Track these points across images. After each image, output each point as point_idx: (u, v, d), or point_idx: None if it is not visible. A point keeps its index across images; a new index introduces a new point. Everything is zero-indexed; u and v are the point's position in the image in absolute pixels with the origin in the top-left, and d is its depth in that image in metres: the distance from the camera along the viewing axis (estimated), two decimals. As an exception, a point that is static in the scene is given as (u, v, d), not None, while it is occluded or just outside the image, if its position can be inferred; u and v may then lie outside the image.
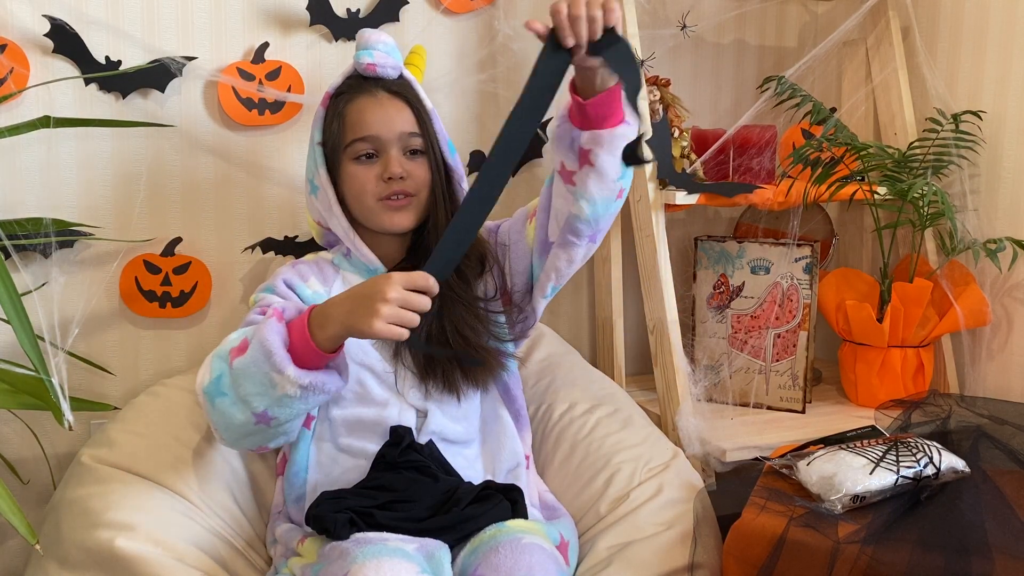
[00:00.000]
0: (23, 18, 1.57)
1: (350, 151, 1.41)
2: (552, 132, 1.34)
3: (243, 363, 1.22)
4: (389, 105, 1.41)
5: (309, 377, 1.20)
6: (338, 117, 1.42)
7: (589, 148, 1.27)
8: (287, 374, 1.18)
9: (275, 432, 1.27)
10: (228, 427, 1.26)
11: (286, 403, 1.21)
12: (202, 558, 1.30)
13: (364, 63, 1.42)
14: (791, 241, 1.74)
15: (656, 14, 1.82)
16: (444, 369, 1.40)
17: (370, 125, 1.40)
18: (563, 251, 1.38)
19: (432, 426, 1.39)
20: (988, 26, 1.80)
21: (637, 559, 1.32)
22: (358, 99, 1.42)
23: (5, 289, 1.17)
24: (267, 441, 1.30)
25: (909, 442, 1.34)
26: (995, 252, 1.66)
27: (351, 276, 1.46)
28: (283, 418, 1.24)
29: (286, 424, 1.26)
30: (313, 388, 1.20)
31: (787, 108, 1.76)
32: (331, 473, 1.37)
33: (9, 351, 1.54)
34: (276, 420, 1.24)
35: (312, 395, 1.21)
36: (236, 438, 1.29)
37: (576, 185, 1.31)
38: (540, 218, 1.42)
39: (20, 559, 1.65)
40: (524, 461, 1.46)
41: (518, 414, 1.49)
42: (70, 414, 1.19)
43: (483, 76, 1.81)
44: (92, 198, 1.64)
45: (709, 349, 1.82)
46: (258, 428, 1.25)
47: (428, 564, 1.18)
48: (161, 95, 1.65)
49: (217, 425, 1.28)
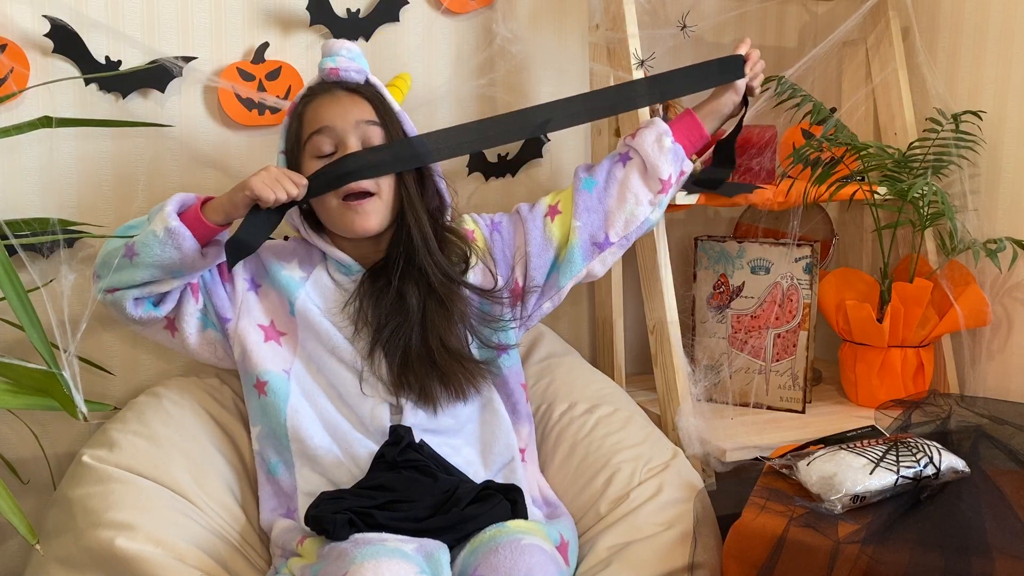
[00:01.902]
0: (23, 18, 1.57)
1: (309, 148, 1.42)
2: (671, 148, 1.53)
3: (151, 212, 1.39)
4: (346, 99, 1.43)
5: (175, 222, 1.32)
6: (296, 118, 1.44)
7: (686, 171, 1.57)
8: (165, 211, 1.34)
9: (133, 271, 1.35)
10: (104, 260, 1.39)
11: (149, 240, 1.33)
12: (202, 558, 1.30)
13: (327, 68, 1.44)
14: (791, 241, 1.74)
15: (656, 14, 1.82)
16: (418, 380, 1.41)
17: (324, 118, 1.41)
18: (620, 250, 1.57)
19: (409, 419, 1.40)
20: (988, 26, 1.80)
21: (637, 559, 1.32)
22: (316, 99, 1.44)
23: (13, 287, 1.17)
24: (127, 281, 1.37)
25: (909, 442, 1.34)
26: (995, 252, 1.66)
27: (330, 267, 1.48)
28: (142, 256, 1.34)
29: (141, 269, 1.35)
30: (173, 236, 1.32)
31: (787, 108, 1.76)
32: (311, 444, 1.39)
33: (10, 351, 1.54)
34: (138, 257, 1.34)
35: (170, 245, 1.32)
36: (103, 266, 1.39)
37: (666, 195, 1.55)
38: (589, 219, 1.52)
39: (20, 559, 1.65)
40: (519, 455, 1.46)
41: (515, 407, 1.49)
42: (84, 406, 1.19)
43: (482, 80, 1.81)
44: (92, 198, 1.64)
45: (709, 349, 1.82)
46: (123, 262, 1.36)
47: (427, 564, 1.18)
48: (161, 95, 1.65)
49: (98, 261, 1.41)
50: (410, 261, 1.42)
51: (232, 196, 1.36)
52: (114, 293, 1.39)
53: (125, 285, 1.38)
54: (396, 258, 1.43)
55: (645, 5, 1.73)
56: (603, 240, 1.53)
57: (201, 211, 1.36)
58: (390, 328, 1.41)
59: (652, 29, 1.78)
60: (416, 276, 1.42)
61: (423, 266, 1.42)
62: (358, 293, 1.44)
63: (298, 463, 1.40)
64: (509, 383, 1.50)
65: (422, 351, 1.41)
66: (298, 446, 1.39)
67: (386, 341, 1.41)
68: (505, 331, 1.50)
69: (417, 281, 1.42)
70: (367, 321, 1.42)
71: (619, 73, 1.70)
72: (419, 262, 1.42)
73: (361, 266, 1.46)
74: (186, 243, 1.33)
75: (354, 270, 1.46)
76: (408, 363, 1.40)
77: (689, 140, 1.57)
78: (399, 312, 1.41)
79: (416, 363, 1.40)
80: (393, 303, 1.41)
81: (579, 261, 1.53)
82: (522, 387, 1.52)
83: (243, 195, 1.35)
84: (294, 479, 1.39)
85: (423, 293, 1.42)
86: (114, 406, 1.60)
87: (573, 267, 1.53)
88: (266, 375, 1.42)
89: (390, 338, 1.41)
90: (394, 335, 1.41)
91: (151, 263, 1.34)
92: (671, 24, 1.83)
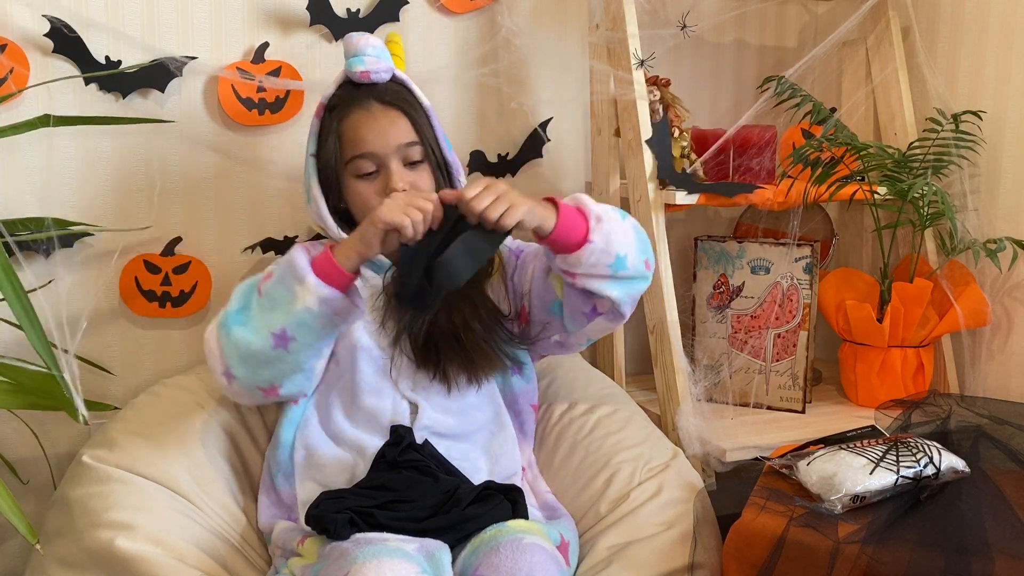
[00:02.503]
0: (23, 18, 1.57)
1: (351, 168, 1.42)
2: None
3: (269, 285, 1.30)
4: (383, 117, 1.41)
5: (327, 289, 1.25)
6: (334, 134, 1.42)
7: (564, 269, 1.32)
8: (308, 282, 1.25)
9: (291, 362, 1.28)
10: (244, 358, 1.28)
11: (305, 319, 1.25)
12: (202, 558, 1.30)
13: (357, 71, 1.43)
14: (791, 241, 1.74)
15: (656, 14, 1.82)
16: (440, 358, 1.40)
17: (366, 142, 1.40)
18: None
19: (424, 420, 1.39)
20: (988, 26, 1.80)
21: (637, 559, 1.32)
22: (352, 114, 1.42)
23: (12, 288, 1.16)
24: (282, 376, 1.30)
25: (909, 442, 1.34)
26: (995, 252, 1.66)
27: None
28: (301, 340, 1.27)
29: (303, 352, 1.28)
30: (330, 304, 1.25)
31: (787, 108, 1.76)
32: (323, 457, 1.38)
33: (10, 351, 1.54)
34: (294, 342, 1.27)
35: (330, 313, 1.26)
36: (250, 371, 1.29)
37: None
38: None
39: (20, 559, 1.65)
40: (520, 472, 1.47)
41: (522, 426, 1.50)
42: (84, 409, 1.19)
43: (485, 70, 1.81)
44: (92, 198, 1.64)
45: (709, 349, 1.82)
46: (276, 354, 1.27)
47: (428, 564, 1.18)
48: (161, 95, 1.65)
49: (230, 359, 1.29)
50: None
51: (363, 233, 1.28)
52: (276, 393, 1.34)
53: (283, 378, 1.32)
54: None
55: (645, 5, 1.73)
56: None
57: (332, 256, 1.27)
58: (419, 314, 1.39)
59: (652, 29, 1.78)
60: None
61: None
62: (387, 289, 1.44)
63: (299, 474, 1.39)
64: (519, 402, 1.50)
65: (447, 327, 1.39)
66: (303, 455, 1.39)
67: (411, 322, 1.40)
68: (514, 347, 1.48)
69: None
70: (394, 316, 1.42)
71: (619, 73, 1.70)
72: None
73: (392, 263, 1.46)
74: (345, 307, 1.27)
75: (384, 266, 1.46)
76: (434, 341, 1.39)
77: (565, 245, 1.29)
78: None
79: (441, 340, 1.39)
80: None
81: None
82: (532, 408, 1.52)
83: (374, 229, 1.26)
84: (294, 492, 1.39)
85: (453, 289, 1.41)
86: (114, 406, 1.60)
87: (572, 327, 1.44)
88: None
89: (416, 319, 1.39)
90: (422, 316, 1.39)
91: (314, 341, 1.29)
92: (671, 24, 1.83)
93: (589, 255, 1.27)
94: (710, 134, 1.79)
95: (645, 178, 1.68)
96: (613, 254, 1.28)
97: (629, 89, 1.69)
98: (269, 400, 1.37)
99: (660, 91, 1.75)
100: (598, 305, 1.35)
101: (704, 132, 1.82)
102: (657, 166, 1.68)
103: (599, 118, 1.84)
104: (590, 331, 1.41)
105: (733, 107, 2.04)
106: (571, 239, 1.27)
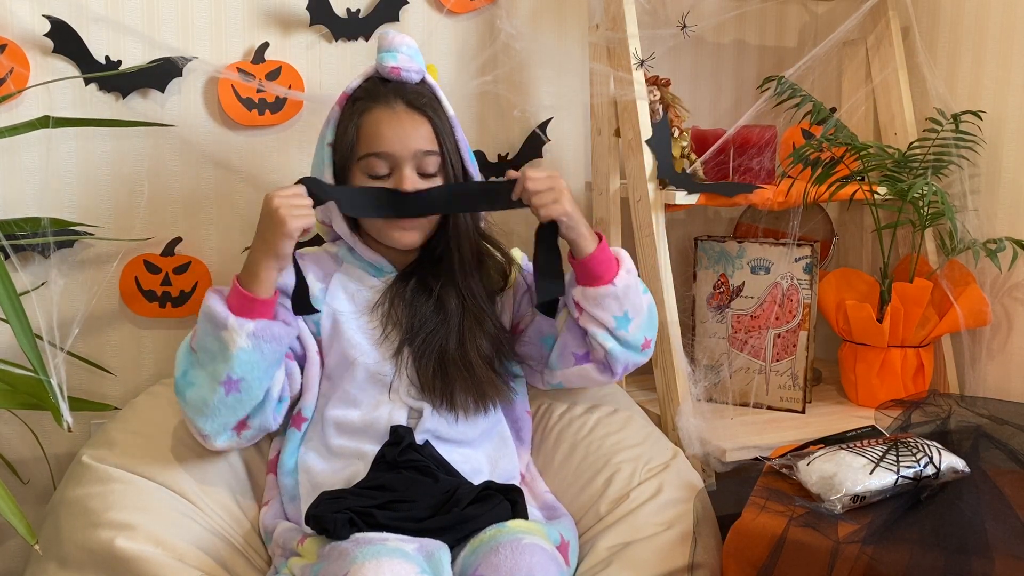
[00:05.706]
0: (23, 18, 1.57)
1: (363, 164, 1.38)
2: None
3: (198, 339, 1.30)
4: (407, 120, 1.38)
5: (252, 323, 1.26)
6: (354, 125, 1.39)
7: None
8: (231, 326, 1.25)
9: (249, 398, 1.29)
10: (205, 414, 1.30)
11: (243, 359, 1.26)
12: (202, 558, 1.30)
13: (388, 66, 1.39)
14: (791, 241, 1.74)
15: (656, 14, 1.82)
16: (445, 385, 1.39)
17: (385, 141, 1.37)
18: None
19: (427, 424, 1.39)
20: (988, 26, 1.80)
21: (637, 559, 1.32)
22: (375, 109, 1.38)
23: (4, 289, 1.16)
24: (245, 411, 1.30)
25: (909, 442, 1.34)
26: (995, 252, 1.66)
27: (353, 270, 1.46)
28: (249, 378, 1.27)
29: (255, 386, 1.28)
30: (261, 335, 1.27)
31: (787, 108, 1.76)
32: (322, 473, 1.37)
33: (10, 351, 1.54)
34: (244, 382, 1.27)
35: (264, 343, 1.26)
36: (219, 425, 1.31)
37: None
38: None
39: (20, 559, 1.65)
40: (518, 477, 1.47)
41: (519, 433, 1.51)
42: (69, 415, 1.19)
43: (487, 77, 1.81)
44: (92, 198, 1.64)
45: (709, 349, 1.82)
46: (232, 398, 1.28)
47: (428, 564, 1.18)
48: (161, 95, 1.65)
49: (195, 419, 1.31)
50: (450, 269, 1.41)
51: (270, 245, 1.27)
52: (247, 427, 1.34)
53: (248, 414, 1.32)
54: (432, 264, 1.42)
55: (645, 5, 1.73)
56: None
57: (242, 287, 1.28)
58: (426, 331, 1.39)
59: (652, 29, 1.79)
60: (457, 284, 1.41)
61: (462, 275, 1.41)
62: (389, 294, 1.43)
63: (304, 498, 1.37)
64: (516, 409, 1.51)
65: (457, 355, 1.39)
66: (306, 479, 1.38)
67: (420, 343, 1.39)
68: (513, 363, 1.50)
69: (459, 289, 1.41)
70: (396, 322, 1.41)
71: (619, 73, 1.70)
72: (459, 271, 1.41)
73: (394, 267, 1.45)
74: (277, 329, 1.29)
75: (386, 271, 1.45)
76: (443, 367, 1.39)
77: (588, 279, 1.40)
78: (437, 315, 1.40)
79: (451, 367, 1.39)
80: (432, 307, 1.40)
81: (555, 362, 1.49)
82: (527, 414, 1.53)
83: (286, 239, 1.26)
84: (300, 513, 1.37)
85: (461, 300, 1.41)
86: (114, 406, 1.60)
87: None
88: (307, 411, 1.41)
89: (426, 340, 1.39)
90: (431, 337, 1.39)
91: (263, 371, 1.29)
92: (671, 24, 1.83)
93: (606, 296, 1.38)
94: (710, 134, 1.79)
95: (645, 178, 1.68)
96: (623, 309, 1.40)
97: (629, 89, 1.69)
98: (245, 437, 1.36)
99: (660, 91, 1.75)
100: (592, 353, 1.43)
101: (704, 132, 1.82)
102: (657, 166, 1.68)
103: (599, 118, 1.84)
104: (571, 376, 1.48)
105: (733, 107, 2.04)
106: (600, 272, 1.38)
